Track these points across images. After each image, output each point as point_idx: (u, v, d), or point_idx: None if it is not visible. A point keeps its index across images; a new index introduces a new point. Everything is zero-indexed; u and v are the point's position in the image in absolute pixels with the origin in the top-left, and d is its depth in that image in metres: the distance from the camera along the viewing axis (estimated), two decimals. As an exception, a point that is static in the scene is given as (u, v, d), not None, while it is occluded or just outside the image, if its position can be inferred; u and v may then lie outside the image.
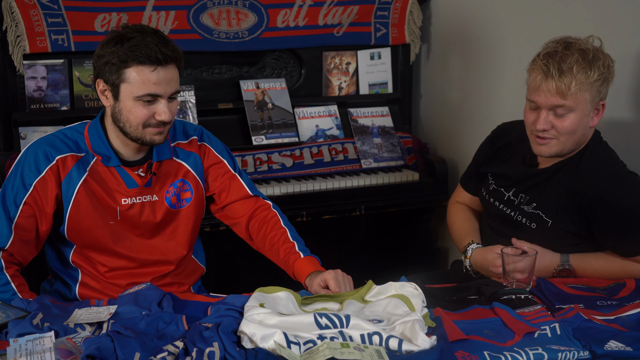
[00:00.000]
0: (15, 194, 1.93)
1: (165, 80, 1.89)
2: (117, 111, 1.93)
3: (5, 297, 1.87)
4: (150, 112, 1.91)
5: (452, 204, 2.47)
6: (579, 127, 2.01)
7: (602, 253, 2.07)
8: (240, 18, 3.10)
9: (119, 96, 1.91)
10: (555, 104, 1.98)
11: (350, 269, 1.97)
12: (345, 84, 3.37)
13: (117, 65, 1.87)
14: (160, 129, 1.95)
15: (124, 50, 1.86)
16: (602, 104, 2.03)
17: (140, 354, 1.46)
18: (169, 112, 1.92)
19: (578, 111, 1.99)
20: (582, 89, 1.96)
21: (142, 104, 1.90)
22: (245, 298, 1.71)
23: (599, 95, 2.00)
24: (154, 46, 1.86)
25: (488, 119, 3.13)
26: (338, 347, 1.48)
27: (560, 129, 2.01)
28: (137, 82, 1.88)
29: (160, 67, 1.88)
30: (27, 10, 2.75)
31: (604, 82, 1.99)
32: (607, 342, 1.61)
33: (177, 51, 1.92)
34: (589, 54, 1.97)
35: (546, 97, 1.99)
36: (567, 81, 1.95)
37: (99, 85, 1.93)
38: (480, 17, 3.17)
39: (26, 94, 2.84)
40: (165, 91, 1.91)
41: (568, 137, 2.02)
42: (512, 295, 1.83)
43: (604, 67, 1.97)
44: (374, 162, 3.24)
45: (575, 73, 1.95)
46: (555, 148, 2.05)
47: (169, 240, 2.10)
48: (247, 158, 3.04)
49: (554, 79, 1.96)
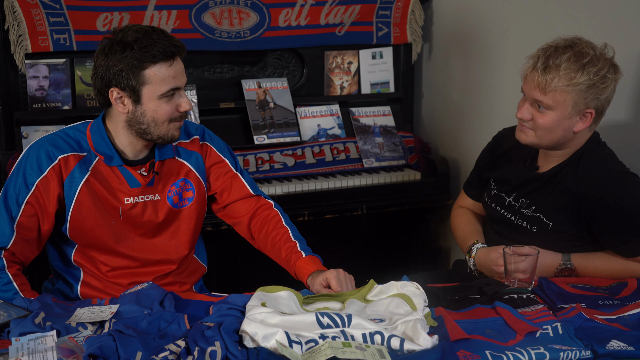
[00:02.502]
0: (18, 193, 1.93)
1: (180, 71, 1.94)
2: (138, 115, 1.93)
3: (7, 296, 1.87)
4: (173, 106, 1.95)
5: (455, 208, 2.47)
6: (557, 127, 2.00)
7: (604, 252, 2.07)
8: (242, 17, 3.10)
9: (141, 99, 1.91)
10: (535, 97, 1.99)
11: (351, 269, 1.97)
12: (347, 83, 3.37)
13: (133, 70, 1.87)
14: (181, 122, 1.99)
15: (136, 54, 1.86)
16: (590, 112, 1.99)
17: (142, 353, 1.46)
18: (189, 101, 1.97)
19: (557, 111, 1.98)
20: (563, 89, 1.94)
21: (165, 100, 1.92)
22: (247, 297, 1.71)
23: (584, 101, 1.96)
24: (163, 41, 1.88)
25: (490, 118, 3.14)
26: (340, 346, 1.48)
27: (538, 123, 2.01)
28: (158, 81, 1.89)
29: (174, 60, 1.91)
30: (29, 9, 2.75)
31: (591, 89, 1.94)
32: (609, 341, 1.61)
33: (180, 42, 1.95)
34: (586, 57, 1.94)
35: (529, 89, 2.01)
36: (549, 78, 1.95)
37: (113, 94, 1.91)
38: (482, 17, 3.17)
39: (28, 93, 2.84)
40: (182, 82, 1.96)
41: (545, 132, 2.02)
42: (514, 295, 1.83)
43: (596, 74, 1.93)
44: (376, 161, 3.23)
45: (561, 71, 1.94)
46: (531, 139, 2.06)
47: (170, 239, 2.11)
48: (248, 157, 3.04)
49: (538, 72, 1.97)
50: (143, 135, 1.96)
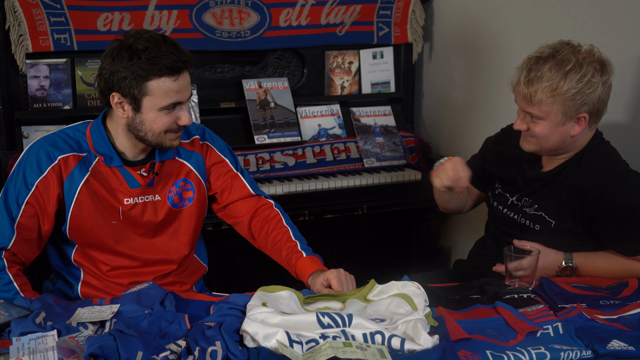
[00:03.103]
0: (18, 193, 1.93)
1: (184, 86, 1.91)
2: (137, 122, 1.92)
3: (8, 296, 1.87)
4: (172, 119, 1.93)
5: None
6: (552, 134, 2.01)
7: (605, 252, 2.07)
8: (242, 17, 3.10)
9: (141, 109, 1.90)
10: (524, 109, 2.02)
11: (352, 268, 1.97)
12: (348, 83, 3.37)
13: (137, 80, 1.86)
14: (179, 133, 1.97)
15: (142, 64, 1.84)
16: (583, 116, 1.98)
17: (142, 352, 1.47)
18: (190, 115, 1.95)
19: (548, 120, 1.99)
20: (549, 99, 1.95)
21: (165, 112, 1.91)
22: (247, 297, 1.71)
23: (574, 107, 1.96)
24: (172, 55, 1.86)
25: (491, 118, 3.13)
26: (340, 346, 1.48)
27: (533, 132, 2.03)
28: (160, 94, 1.88)
29: (180, 75, 1.89)
30: (29, 9, 2.75)
31: (578, 96, 1.94)
32: (609, 341, 1.61)
33: (190, 55, 1.92)
34: (568, 64, 1.93)
35: (518, 100, 2.04)
36: (532, 90, 1.96)
37: (114, 99, 1.90)
38: (483, 16, 3.17)
39: (29, 93, 2.84)
40: (186, 96, 1.93)
41: (542, 140, 2.04)
42: (514, 295, 1.83)
43: (580, 81, 1.93)
44: (377, 161, 3.23)
45: (544, 82, 1.94)
46: (533, 147, 2.08)
47: (171, 239, 2.10)
48: (249, 157, 3.04)
49: (521, 85, 1.99)
50: (142, 140, 1.96)
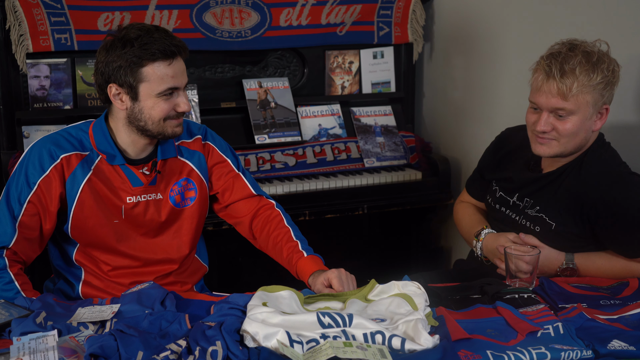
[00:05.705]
0: (20, 192, 1.94)
1: (180, 71, 1.94)
2: (136, 112, 1.93)
3: (9, 295, 1.87)
4: (171, 105, 1.94)
5: (458, 203, 2.47)
6: (581, 129, 2.00)
7: (606, 252, 2.07)
8: (243, 17, 3.10)
9: (138, 96, 1.91)
10: (556, 106, 1.97)
11: (353, 268, 1.97)
12: (348, 83, 3.37)
13: (132, 67, 1.88)
14: (180, 120, 1.98)
15: (135, 51, 1.87)
16: (606, 108, 2.02)
17: (143, 352, 1.47)
18: (188, 102, 1.96)
19: (579, 114, 1.97)
20: (583, 91, 1.95)
21: (163, 99, 1.92)
22: (248, 297, 1.71)
23: (602, 98, 1.99)
24: (164, 40, 1.88)
25: (491, 118, 3.14)
26: (341, 346, 1.48)
27: (562, 131, 2.00)
28: (156, 79, 1.90)
29: (174, 59, 1.91)
30: (30, 9, 2.75)
31: (607, 86, 1.97)
32: (610, 341, 1.61)
33: (182, 42, 1.95)
34: (594, 56, 1.95)
35: (547, 99, 1.98)
36: (568, 82, 1.94)
37: (112, 90, 1.92)
38: (483, 16, 3.17)
39: (29, 93, 2.85)
40: (182, 82, 1.95)
41: (569, 139, 2.01)
42: (515, 295, 1.83)
43: (607, 70, 1.95)
44: (377, 161, 3.23)
45: (578, 74, 1.93)
46: (555, 149, 2.04)
47: (172, 239, 2.11)
48: (249, 157, 3.04)
49: (556, 80, 1.95)
50: (143, 132, 1.96)
